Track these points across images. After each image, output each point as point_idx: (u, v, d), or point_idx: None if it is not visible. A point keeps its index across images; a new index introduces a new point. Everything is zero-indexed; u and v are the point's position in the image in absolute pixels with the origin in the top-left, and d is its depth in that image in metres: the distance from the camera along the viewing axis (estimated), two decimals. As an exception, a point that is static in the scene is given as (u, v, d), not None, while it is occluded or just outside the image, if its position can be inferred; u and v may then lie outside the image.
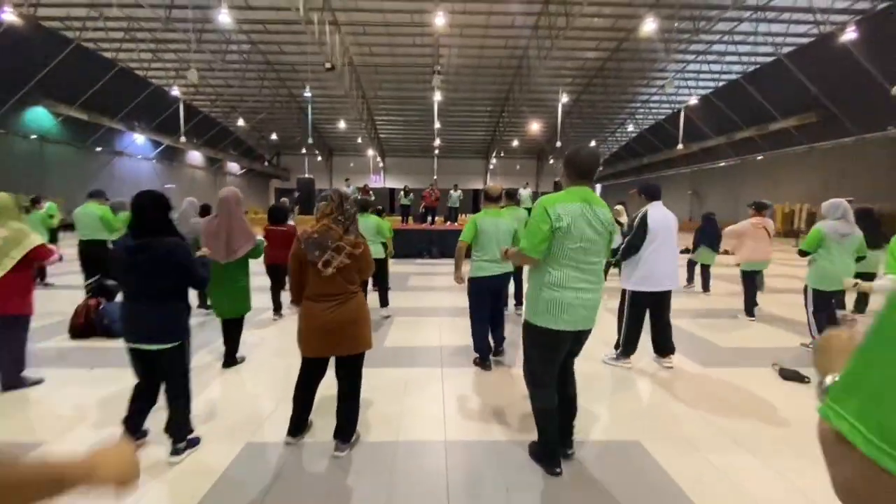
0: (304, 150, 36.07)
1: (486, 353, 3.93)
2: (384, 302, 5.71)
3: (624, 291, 3.92)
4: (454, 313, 5.80)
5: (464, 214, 18.23)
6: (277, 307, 5.58)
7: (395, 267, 9.43)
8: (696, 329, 5.19)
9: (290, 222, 6.10)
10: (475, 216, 3.95)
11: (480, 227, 3.84)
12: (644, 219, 3.74)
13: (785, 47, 19.79)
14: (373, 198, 14.58)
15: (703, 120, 25.20)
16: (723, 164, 27.22)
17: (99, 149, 23.02)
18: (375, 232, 5.57)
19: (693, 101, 23.13)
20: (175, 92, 22.06)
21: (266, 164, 38.70)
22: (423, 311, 6.08)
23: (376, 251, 4.92)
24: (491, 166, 41.07)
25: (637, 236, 3.73)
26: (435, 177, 25.93)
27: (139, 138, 24.89)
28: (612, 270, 6.97)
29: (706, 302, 6.85)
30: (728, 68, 23.06)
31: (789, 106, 20.60)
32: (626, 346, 3.91)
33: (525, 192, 13.63)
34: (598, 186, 43.86)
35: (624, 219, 7.46)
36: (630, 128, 33.17)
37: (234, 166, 36.20)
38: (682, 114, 24.51)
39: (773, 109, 21.40)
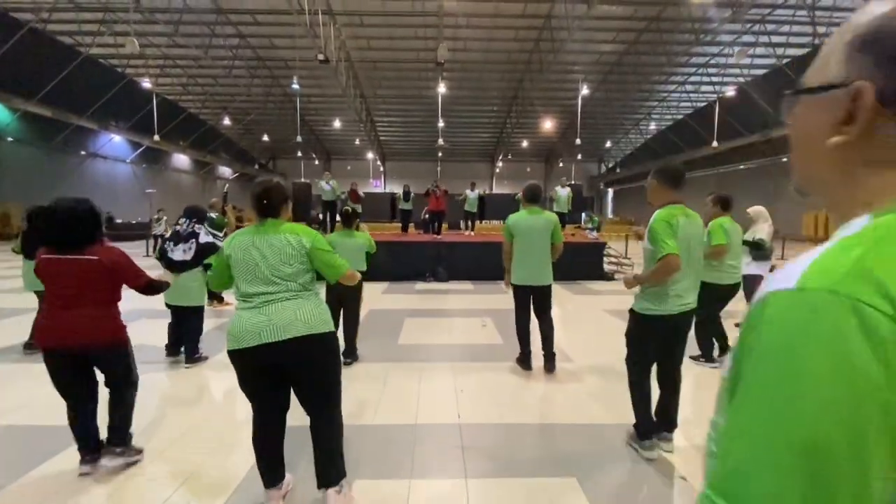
0: (299, 154, 34.40)
1: None
2: (331, 476, 2.01)
3: None
4: (496, 448, 2.62)
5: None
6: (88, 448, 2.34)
7: (383, 299, 6.94)
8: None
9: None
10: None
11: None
12: None
13: (820, 37, 17.91)
14: (359, 209, 11.49)
15: (736, 116, 23.14)
16: (743, 165, 25.25)
17: (82, 152, 21.20)
18: (361, 256, 3.96)
19: (731, 91, 21.13)
20: (147, 84, 20.17)
21: (257, 167, 36.72)
22: (428, 452, 2.59)
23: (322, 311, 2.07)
24: (497, 170, 39.30)
25: None
26: (438, 178, 24.05)
27: (116, 138, 23.00)
28: None
29: None
30: (759, 61, 21.19)
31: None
32: None
33: (563, 193, 11.43)
34: (610, 191, 41.98)
35: (762, 230, 4.49)
36: (652, 126, 31.15)
37: (225, 170, 34.38)
38: (717, 107, 22.43)
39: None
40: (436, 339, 4.81)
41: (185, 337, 4.04)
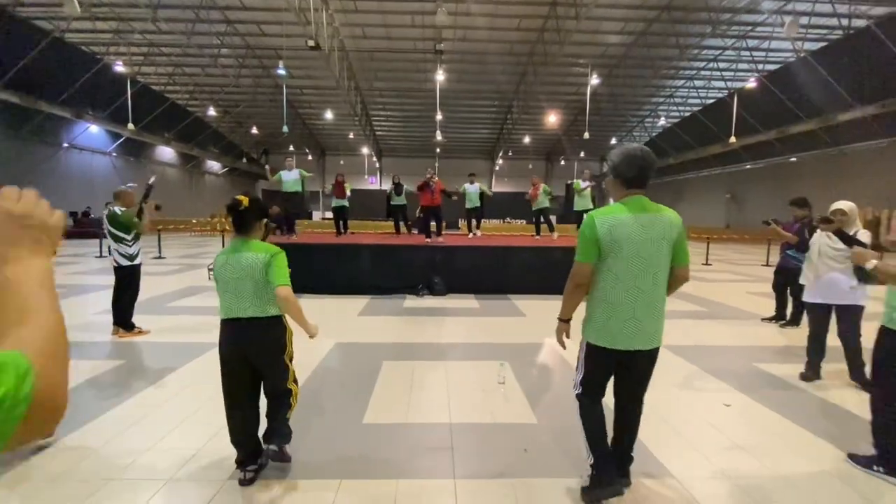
0: (291, 148, 33.25)
1: None
2: None
3: None
4: None
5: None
6: None
7: (357, 325, 5.23)
8: None
9: None
10: None
11: None
12: None
13: (846, 30, 16.88)
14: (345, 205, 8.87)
15: (750, 111, 22.03)
16: (750, 164, 24.27)
17: (62, 143, 19.84)
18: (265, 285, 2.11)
19: (752, 83, 20.02)
20: (120, 67, 18.92)
21: (244, 160, 35.24)
22: None
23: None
24: (497, 167, 38.22)
25: None
26: (434, 170, 22.92)
27: (93, 128, 21.65)
28: None
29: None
30: (773, 56, 20.16)
31: (869, 90, 17.36)
32: None
33: (585, 186, 9.15)
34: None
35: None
36: (661, 121, 29.98)
37: (214, 164, 33.06)
38: (735, 101, 21.18)
39: (847, 95, 18.10)
40: (426, 413, 2.92)
41: None
